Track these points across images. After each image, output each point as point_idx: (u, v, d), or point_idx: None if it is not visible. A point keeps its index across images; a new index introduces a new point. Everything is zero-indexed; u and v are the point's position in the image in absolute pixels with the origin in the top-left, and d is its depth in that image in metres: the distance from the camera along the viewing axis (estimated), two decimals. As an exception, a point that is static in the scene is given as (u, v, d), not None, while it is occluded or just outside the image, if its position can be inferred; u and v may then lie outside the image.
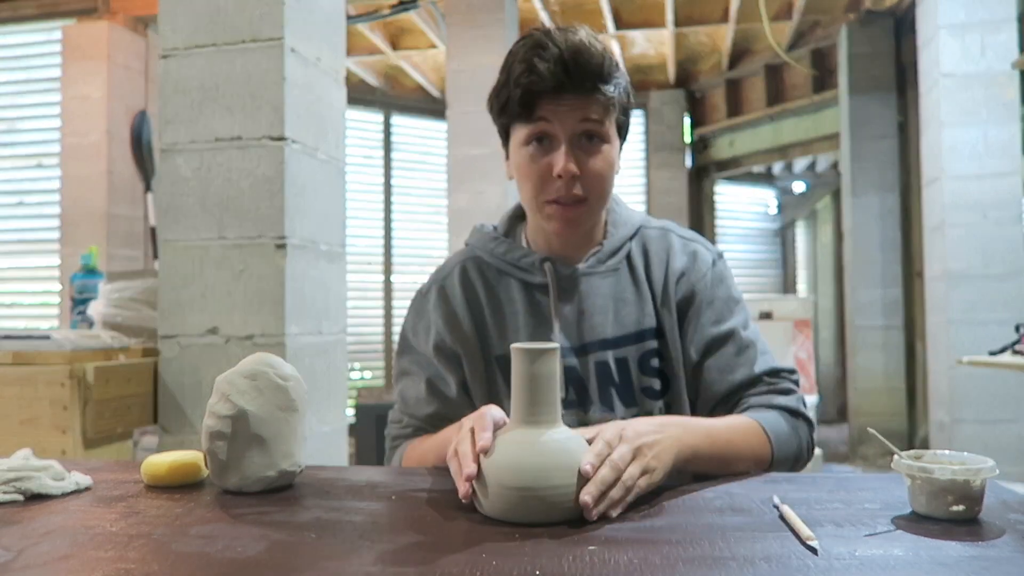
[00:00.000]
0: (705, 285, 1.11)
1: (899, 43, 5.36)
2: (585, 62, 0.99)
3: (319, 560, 0.63)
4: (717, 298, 1.11)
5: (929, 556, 0.63)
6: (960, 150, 3.73)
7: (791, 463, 1.04)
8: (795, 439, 1.04)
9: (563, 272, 1.11)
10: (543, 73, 0.99)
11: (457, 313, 1.13)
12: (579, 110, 1.01)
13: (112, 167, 4.52)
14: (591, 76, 1.00)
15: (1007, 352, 2.88)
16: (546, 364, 0.77)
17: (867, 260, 5.38)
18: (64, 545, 0.68)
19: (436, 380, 1.13)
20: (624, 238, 1.13)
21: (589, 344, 1.09)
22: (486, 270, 1.16)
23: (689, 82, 6.84)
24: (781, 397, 1.07)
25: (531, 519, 0.72)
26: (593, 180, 1.03)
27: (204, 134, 1.93)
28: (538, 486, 0.72)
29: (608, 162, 1.04)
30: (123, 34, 4.60)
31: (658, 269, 1.12)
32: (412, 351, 1.17)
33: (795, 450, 1.03)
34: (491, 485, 0.74)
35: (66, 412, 1.76)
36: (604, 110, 1.02)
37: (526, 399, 0.77)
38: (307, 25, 2.00)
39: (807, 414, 1.08)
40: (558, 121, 1.01)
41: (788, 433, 1.03)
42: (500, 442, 0.77)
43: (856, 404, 5.48)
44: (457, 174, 4.63)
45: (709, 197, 7.19)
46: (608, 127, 1.04)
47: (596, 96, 1.01)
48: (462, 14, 4.68)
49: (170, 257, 1.94)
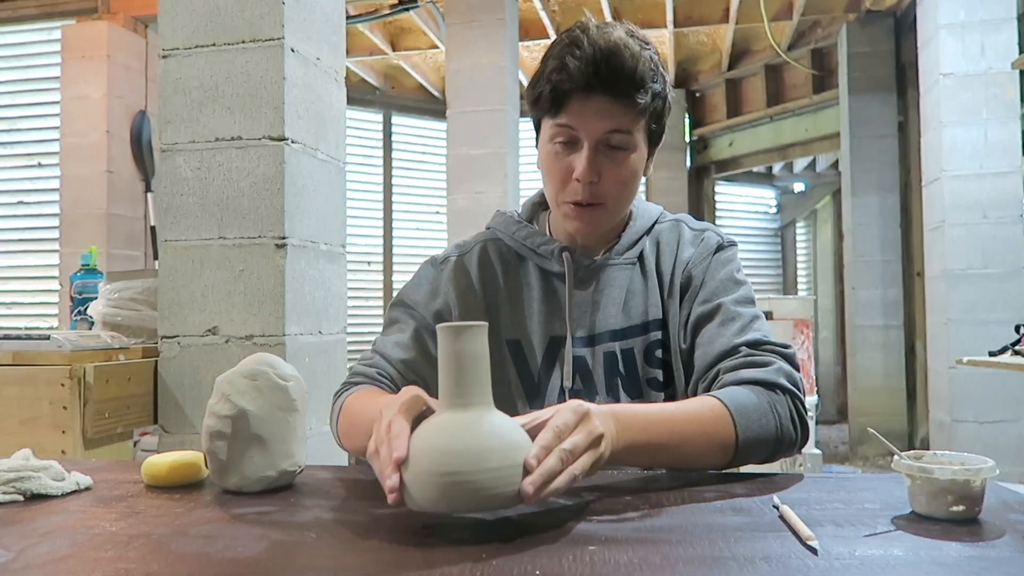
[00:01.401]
0: (704, 268, 1.09)
1: (899, 43, 5.36)
2: (617, 65, 0.97)
3: (319, 560, 0.63)
4: (714, 279, 1.08)
5: (929, 556, 0.63)
6: (960, 150, 3.73)
7: (770, 446, 0.92)
8: (770, 417, 0.92)
9: (581, 262, 1.10)
10: (573, 72, 0.97)
11: (474, 288, 1.12)
12: (607, 116, 0.99)
13: (112, 167, 4.52)
14: (622, 80, 0.97)
15: (1007, 352, 2.88)
16: (473, 342, 0.71)
17: (867, 260, 5.39)
18: (64, 545, 0.68)
19: (424, 333, 1.09)
20: (640, 231, 1.13)
21: (599, 335, 1.09)
22: (506, 252, 1.15)
23: (689, 82, 6.84)
24: (754, 370, 0.96)
25: (462, 508, 0.68)
26: (612, 187, 1.03)
27: (204, 134, 1.93)
28: (468, 470, 0.66)
29: (631, 171, 1.04)
30: (123, 34, 4.60)
31: (667, 260, 1.11)
32: (406, 305, 1.13)
33: (772, 430, 0.92)
34: (418, 474, 0.68)
35: (66, 412, 1.76)
36: (633, 118, 1.00)
37: (453, 380, 0.71)
38: (307, 25, 2.00)
39: (788, 385, 0.95)
40: (584, 124, 1.00)
41: (759, 410, 0.91)
42: (426, 427, 0.71)
43: (856, 404, 5.48)
44: (457, 174, 4.63)
45: (709, 197, 7.19)
46: (636, 135, 1.02)
47: (626, 102, 0.98)
48: (462, 14, 4.68)
49: (170, 257, 1.94)
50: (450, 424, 0.70)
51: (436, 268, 1.15)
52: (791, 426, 0.94)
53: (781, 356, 0.98)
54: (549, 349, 1.10)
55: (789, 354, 1.00)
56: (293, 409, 0.90)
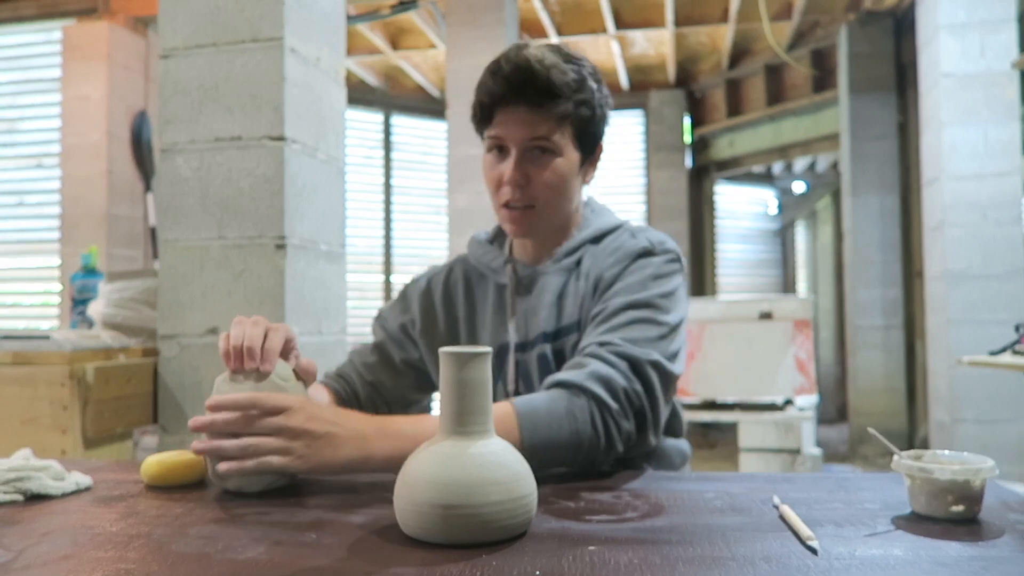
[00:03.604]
0: (617, 271, 1.09)
1: (899, 43, 5.36)
2: (528, 79, 1.05)
3: (319, 560, 0.63)
4: (623, 281, 1.07)
5: (929, 556, 0.63)
6: (960, 150, 3.73)
7: (567, 450, 0.90)
8: (563, 421, 0.90)
9: (522, 272, 1.18)
10: (492, 87, 1.07)
11: (435, 306, 1.24)
12: (528, 124, 1.07)
13: (112, 167, 4.52)
14: (536, 92, 1.05)
15: (1007, 352, 2.88)
16: (476, 369, 0.70)
17: (867, 260, 5.39)
18: (64, 545, 0.68)
19: (389, 342, 1.25)
20: (583, 240, 1.16)
21: (533, 339, 1.14)
22: (471, 273, 1.25)
23: (689, 82, 6.84)
24: (566, 372, 0.95)
25: (464, 540, 0.66)
26: (540, 190, 1.09)
27: (204, 134, 1.93)
28: (473, 503, 0.66)
29: (558, 175, 1.10)
30: (123, 34, 4.60)
31: (601, 263, 1.13)
32: (381, 317, 1.29)
33: (565, 434, 0.90)
34: (420, 504, 0.67)
35: (66, 412, 1.76)
36: (554, 125, 1.07)
37: (455, 407, 0.70)
38: (307, 25, 2.00)
39: (592, 388, 0.92)
40: (508, 132, 1.08)
41: (550, 414, 0.90)
42: (427, 454, 0.70)
43: (856, 404, 5.48)
44: (457, 174, 4.63)
45: (709, 197, 7.19)
46: (559, 141, 1.09)
47: (543, 110, 1.06)
48: (462, 14, 4.68)
49: (170, 257, 1.94)
50: (453, 453, 0.69)
51: (411, 288, 1.28)
52: (591, 430, 0.91)
53: (621, 357, 0.96)
54: (496, 357, 1.16)
55: (635, 357, 0.96)
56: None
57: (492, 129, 1.10)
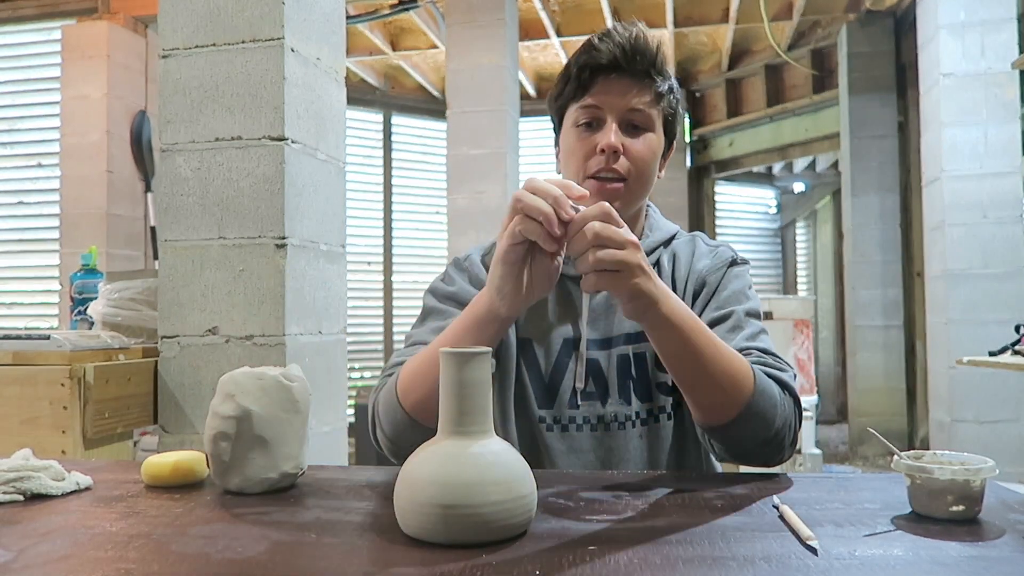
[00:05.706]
0: (719, 278, 1.12)
1: (899, 43, 5.36)
2: (642, 47, 1.07)
3: (319, 560, 0.63)
4: (727, 289, 1.11)
5: (929, 556, 0.63)
6: (960, 150, 3.73)
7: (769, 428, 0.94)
8: (777, 405, 0.94)
9: None
10: (601, 51, 1.06)
11: None
12: (629, 95, 1.07)
13: (112, 167, 4.52)
14: (645, 62, 1.07)
15: (1007, 352, 2.88)
16: (476, 369, 0.70)
17: (867, 260, 5.39)
18: (64, 545, 0.68)
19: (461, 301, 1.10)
20: (658, 242, 1.16)
21: (614, 338, 1.11)
22: None
23: (689, 82, 6.84)
24: (773, 369, 0.99)
25: (464, 540, 0.66)
26: (634, 161, 1.07)
27: (204, 134, 1.93)
28: (473, 503, 0.66)
29: (650, 148, 1.09)
30: (123, 34, 4.60)
31: (682, 270, 1.14)
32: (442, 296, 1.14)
33: (776, 415, 0.94)
34: (420, 504, 0.67)
35: (66, 412, 1.76)
36: (653, 100, 1.08)
37: (455, 407, 0.70)
38: (307, 25, 2.00)
39: (797, 394, 0.99)
40: (609, 101, 1.07)
41: (772, 393, 0.94)
42: (427, 454, 0.70)
43: (856, 404, 5.48)
44: (457, 174, 4.63)
45: (709, 197, 7.19)
46: (655, 118, 1.09)
47: (647, 83, 1.07)
48: (462, 14, 4.68)
49: (170, 257, 1.94)
50: (453, 453, 0.69)
51: (464, 261, 1.19)
52: (786, 428, 0.96)
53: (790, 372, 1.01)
54: (563, 350, 1.12)
55: (793, 372, 1.03)
56: (296, 411, 0.90)
57: (589, 98, 1.08)
